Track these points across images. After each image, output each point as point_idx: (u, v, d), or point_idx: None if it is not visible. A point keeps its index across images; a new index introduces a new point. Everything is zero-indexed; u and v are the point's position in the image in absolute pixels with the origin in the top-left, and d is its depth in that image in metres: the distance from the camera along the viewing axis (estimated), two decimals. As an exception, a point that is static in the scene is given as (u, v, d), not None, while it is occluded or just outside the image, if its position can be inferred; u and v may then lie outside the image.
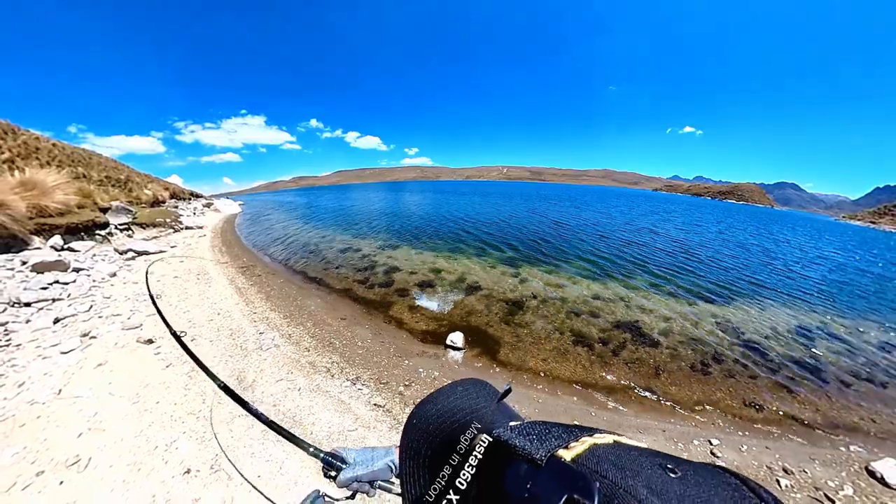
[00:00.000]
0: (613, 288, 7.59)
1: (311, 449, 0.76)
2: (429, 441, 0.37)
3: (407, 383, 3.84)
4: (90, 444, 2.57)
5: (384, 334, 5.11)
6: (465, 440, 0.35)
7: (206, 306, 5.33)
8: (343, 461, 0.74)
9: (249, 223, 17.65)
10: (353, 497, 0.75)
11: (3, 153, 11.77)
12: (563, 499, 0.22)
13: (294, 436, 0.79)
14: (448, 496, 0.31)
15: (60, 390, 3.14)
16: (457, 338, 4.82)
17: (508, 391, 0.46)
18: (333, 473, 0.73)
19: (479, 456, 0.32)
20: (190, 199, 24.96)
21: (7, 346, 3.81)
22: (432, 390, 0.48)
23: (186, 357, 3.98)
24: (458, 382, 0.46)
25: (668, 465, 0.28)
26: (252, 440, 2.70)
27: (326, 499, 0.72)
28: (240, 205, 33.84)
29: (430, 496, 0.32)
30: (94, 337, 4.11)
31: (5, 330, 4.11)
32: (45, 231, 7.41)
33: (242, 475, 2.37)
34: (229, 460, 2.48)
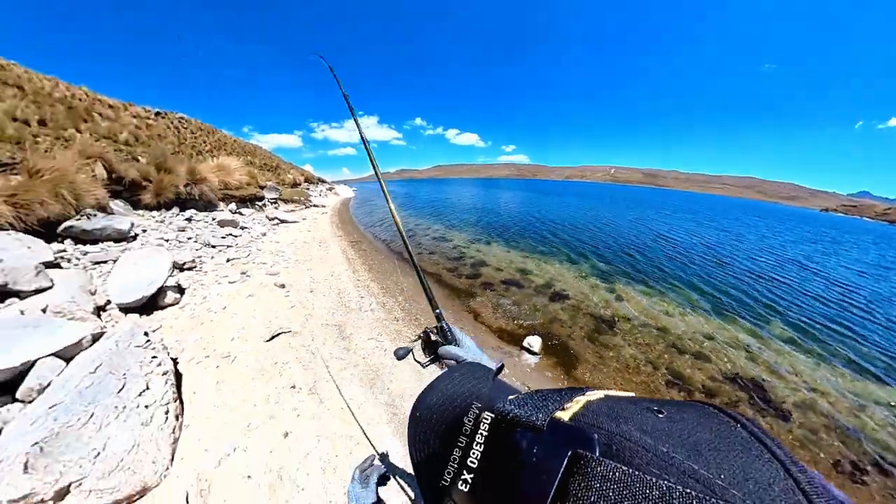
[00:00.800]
0: (733, 331, 6.18)
1: (437, 311, 0.91)
2: (435, 430, 0.38)
3: (480, 370, 4.11)
4: (236, 347, 3.47)
5: (464, 322, 5.37)
6: (469, 421, 0.35)
7: (323, 268, 6.48)
8: (455, 340, 0.81)
9: (360, 205, 20.56)
10: (432, 363, 0.85)
11: (206, 146, 16.42)
12: (568, 455, 0.24)
13: (430, 292, 0.96)
14: (462, 476, 0.31)
15: (225, 307, 4.29)
16: (534, 342, 4.74)
17: (501, 368, 0.49)
18: (441, 342, 0.83)
19: (485, 433, 0.33)
20: (318, 183, 30.33)
21: (199, 271, 5.33)
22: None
23: (306, 302, 5.00)
24: (454, 368, 0.48)
25: (655, 408, 0.30)
26: (342, 379, 3.25)
27: (413, 359, 0.87)
28: (353, 190, 40.45)
29: (446, 480, 0.32)
30: (248, 276, 5.44)
31: (200, 260, 5.75)
32: (227, 199, 9.96)
33: (343, 396, 2.89)
34: (335, 383, 3.04)
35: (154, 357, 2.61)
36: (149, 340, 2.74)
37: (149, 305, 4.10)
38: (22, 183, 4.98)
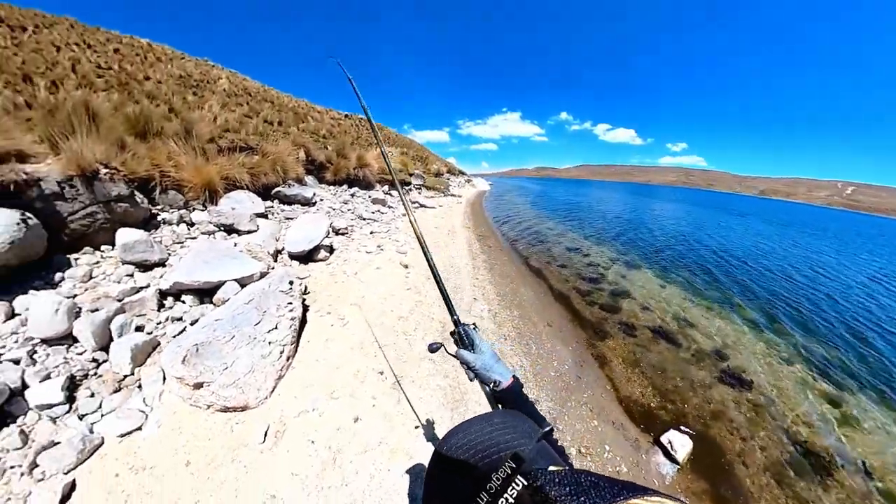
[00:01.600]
0: None
1: (455, 317, 0.98)
2: (458, 473, 0.36)
3: (584, 449, 2.89)
4: (351, 313, 3.73)
5: (585, 370, 4.02)
6: (497, 479, 0.33)
7: (445, 256, 6.62)
8: (472, 346, 0.86)
9: (494, 200, 20.56)
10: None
11: (376, 138, 19.65)
12: None
13: (449, 300, 1.06)
14: None
15: (356, 272, 4.78)
16: (678, 442, 3.02)
17: (550, 432, 0.46)
18: (458, 345, 0.90)
19: (511, 500, 0.30)
20: (458, 175, 32.31)
21: (349, 237, 6.21)
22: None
23: (421, 287, 5.16)
24: (495, 413, 0.46)
25: None
26: (427, 387, 3.05)
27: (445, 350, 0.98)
28: (489, 184, 41.42)
29: None
30: (381, 249, 6.00)
31: (351, 228, 6.72)
32: (382, 182, 11.55)
33: (417, 414, 2.70)
34: (401, 386, 2.90)
35: (290, 303, 3.03)
36: (291, 288, 3.21)
37: (307, 257, 4.98)
38: (257, 161, 6.94)
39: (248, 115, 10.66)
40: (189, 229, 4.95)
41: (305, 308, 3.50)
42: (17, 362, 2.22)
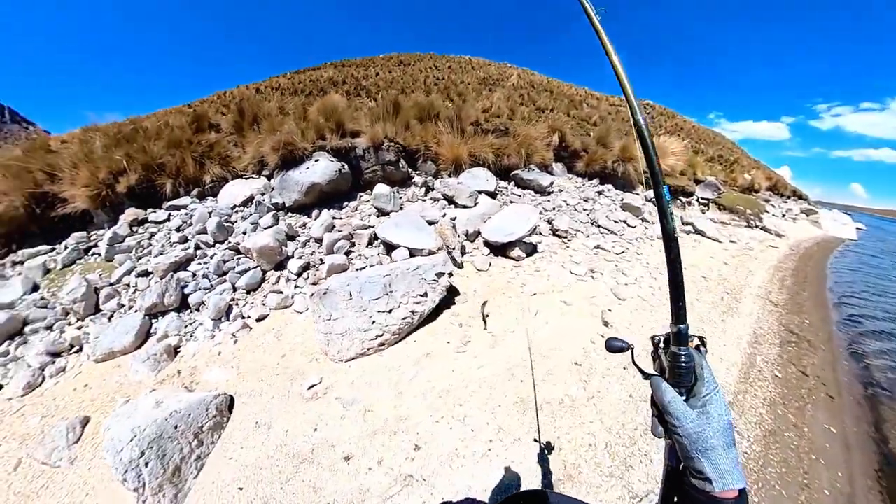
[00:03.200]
0: None
1: (681, 321, 0.60)
2: None
3: None
4: (485, 339, 2.55)
5: None
6: None
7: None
8: (691, 384, 0.55)
9: (857, 264, 9.20)
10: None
11: (661, 130, 15.33)
12: None
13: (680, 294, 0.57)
14: None
15: (535, 294, 3.46)
16: None
17: None
18: (661, 371, 0.62)
19: None
20: (788, 197, 20.47)
21: (565, 243, 4.85)
22: None
23: (594, 377, 2.85)
24: None
25: None
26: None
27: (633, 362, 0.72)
28: (857, 228, 20.90)
29: None
30: (594, 277, 4.25)
31: (573, 232, 5.28)
32: (647, 183, 8.75)
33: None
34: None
35: (421, 295, 2.73)
36: (436, 281, 2.78)
37: (501, 249, 4.18)
38: (504, 141, 6.72)
39: (524, 104, 10.87)
40: (424, 193, 5.48)
41: (444, 306, 2.73)
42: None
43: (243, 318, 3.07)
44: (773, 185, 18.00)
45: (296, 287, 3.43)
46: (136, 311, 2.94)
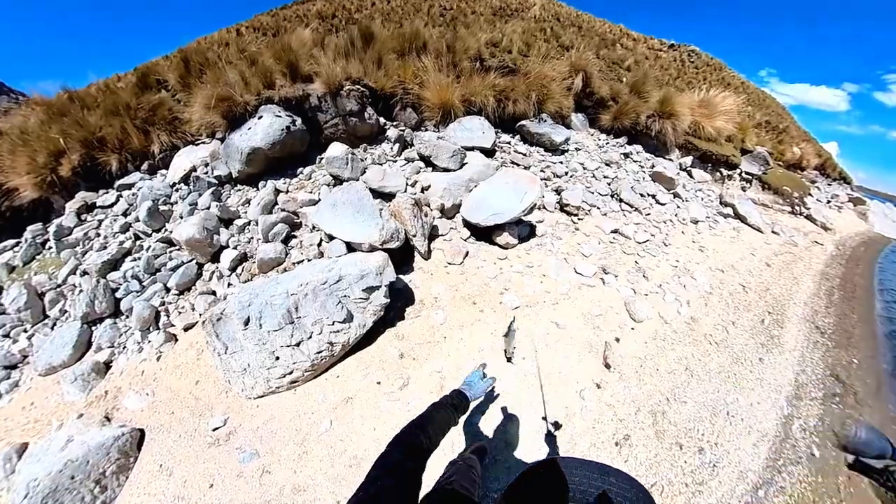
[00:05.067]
0: None
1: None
2: None
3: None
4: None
5: None
6: None
7: (721, 382, 2.65)
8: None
9: None
10: None
11: (706, 83, 12.79)
12: None
13: None
14: None
15: (519, 307, 2.37)
16: None
17: None
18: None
19: None
20: (834, 180, 18.22)
21: (573, 224, 3.66)
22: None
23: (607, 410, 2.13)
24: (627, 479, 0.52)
25: None
26: None
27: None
28: None
29: None
30: (605, 280, 3.12)
31: (587, 208, 4.05)
32: (685, 148, 7.19)
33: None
34: None
35: (334, 330, 2.05)
36: (367, 299, 2.10)
37: (483, 233, 3.01)
38: (510, 82, 5.20)
39: (545, 39, 8.81)
40: (398, 152, 4.19)
41: (386, 323, 1.73)
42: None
43: (171, 327, 2.58)
44: (822, 164, 15.74)
45: (229, 286, 2.75)
46: (74, 319, 2.59)
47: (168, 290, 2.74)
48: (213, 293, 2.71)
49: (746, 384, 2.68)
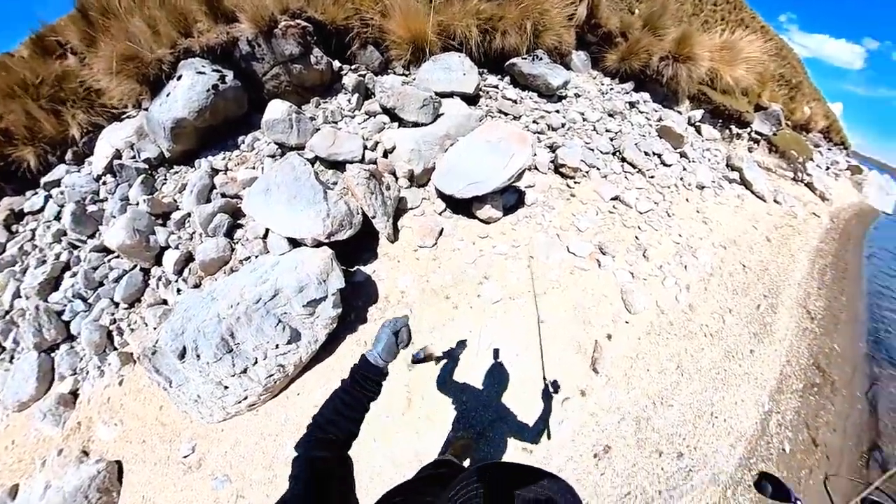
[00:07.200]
0: None
1: None
2: None
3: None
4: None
5: None
6: None
7: (707, 380, 2.41)
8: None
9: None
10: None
11: (722, 22, 11.25)
12: None
13: None
14: None
15: (498, 301, 1.94)
16: None
17: None
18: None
19: None
20: (836, 144, 17.36)
21: (568, 189, 3.13)
22: None
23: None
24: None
25: None
26: None
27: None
28: None
29: None
30: (601, 262, 2.69)
31: (587, 171, 3.49)
32: (697, 99, 6.42)
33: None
34: None
35: (280, 354, 1.74)
36: (313, 313, 1.73)
37: (460, 206, 2.46)
38: (499, 9, 4.21)
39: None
40: (358, 104, 3.34)
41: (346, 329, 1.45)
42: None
43: (126, 346, 2.28)
44: (828, 128, 14.88)
45: (178, 292, 2.35)
46: (28, 350, 2.30)
47: (116, 304, 2.38)
48: (165, 302, 2.36)
49: (734, 381, 2.51)
